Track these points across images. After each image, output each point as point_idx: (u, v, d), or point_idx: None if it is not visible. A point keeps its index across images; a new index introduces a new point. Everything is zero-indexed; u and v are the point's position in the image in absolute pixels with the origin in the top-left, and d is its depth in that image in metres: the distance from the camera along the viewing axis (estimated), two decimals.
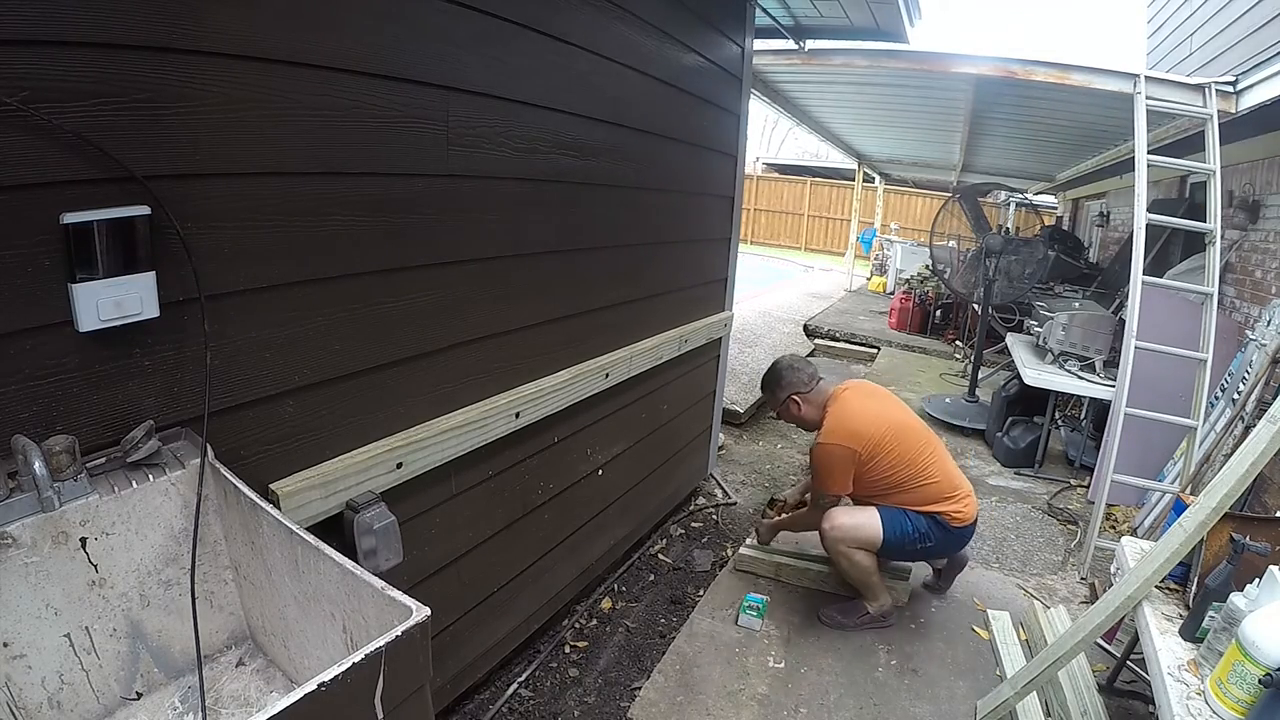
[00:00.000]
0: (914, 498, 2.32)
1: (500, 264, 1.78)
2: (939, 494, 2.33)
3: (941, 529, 2.32)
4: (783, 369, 2.54)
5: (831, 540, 2.34)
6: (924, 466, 2.33)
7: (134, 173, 0.99)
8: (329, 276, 1.34)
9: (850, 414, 2.37)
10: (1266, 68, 3.01)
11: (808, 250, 17.93)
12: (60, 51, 0.91)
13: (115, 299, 0.99)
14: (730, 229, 3.29)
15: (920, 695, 2.16)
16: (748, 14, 3.04)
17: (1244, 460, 1.57)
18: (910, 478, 2.32)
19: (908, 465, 2.32)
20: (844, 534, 2.32)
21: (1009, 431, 4.28)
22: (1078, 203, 9.92)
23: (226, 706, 1.02)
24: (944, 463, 2.41)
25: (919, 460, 2.34)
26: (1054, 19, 56.86)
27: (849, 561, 2.35)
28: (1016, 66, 3.62)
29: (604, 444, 2.45)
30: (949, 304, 7.66)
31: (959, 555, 2.67)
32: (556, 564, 2.30)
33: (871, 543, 2.32)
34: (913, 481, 2.32)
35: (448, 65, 1.49)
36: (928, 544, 2.35)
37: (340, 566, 0.88)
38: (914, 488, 2.32)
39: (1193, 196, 4.71)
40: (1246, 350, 3.24)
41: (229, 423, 1.20)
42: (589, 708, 2.11)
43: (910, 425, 2.41)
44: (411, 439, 1.55)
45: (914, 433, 2.39)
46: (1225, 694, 1.30)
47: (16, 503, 0.87)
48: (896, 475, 2.32)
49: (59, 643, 0.92)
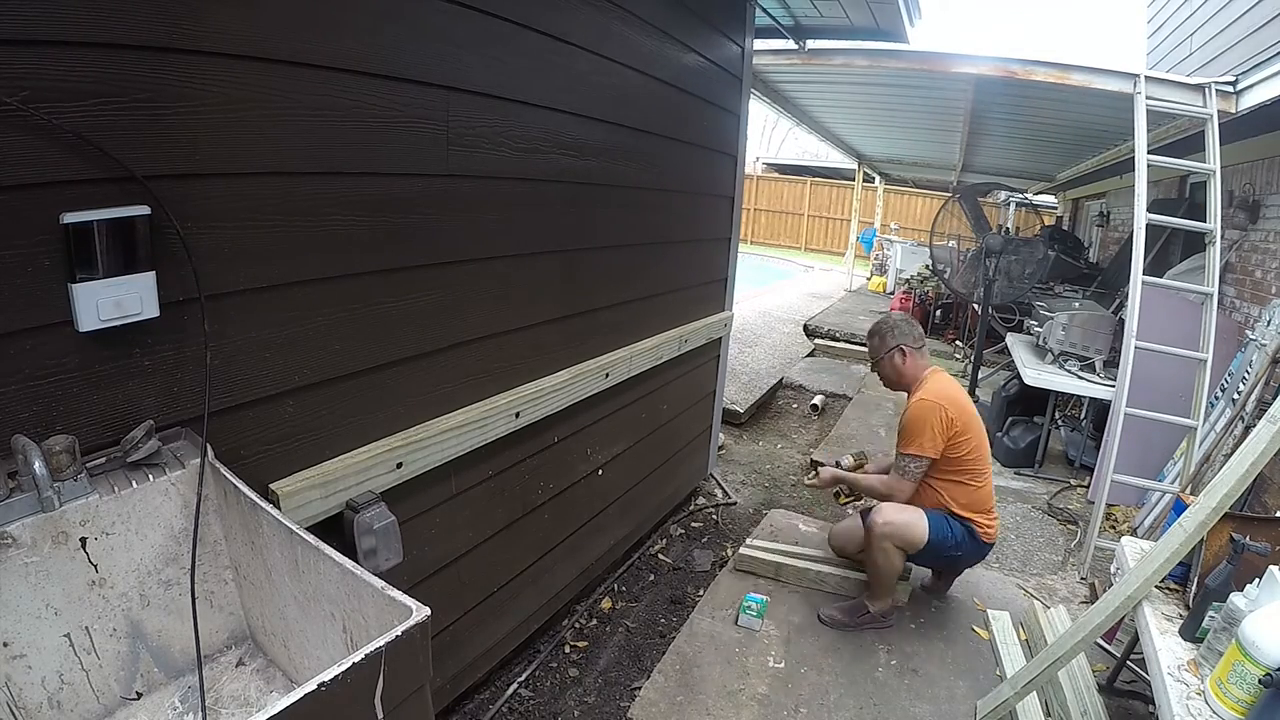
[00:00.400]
0: (970, 497, 2.35)
1: (500, 264, 1.78)
2: (984, 501, 2.37)
3: (973, 540, 2.35)
4: (898, 319, 2.54)
5: (880, 534, 2.31)
6: (985, 468, 2.38)
7: (134, 173, 0.99)
8: (329, 276, 1.34)
9: (948, 385, 2.41)
10: (1266, 68, 3.01)
11: (808, 250, 17.93)
12: (60, 51, 0.91)
13: (115, 299, 0.99)
14: (730, 229, 3.29)
15: (920, 695, 2.16)
16: (748, 14, 3.04)
17: (1244, 460, 1.57)
18: (979, 472, 2.35)
19: (982, 459, 2.36)
20: (894, 530, 2.30)
21: (1009, 431, 4.28)
22: (1078, 203, 9.92)
23: (226, 706, 1.02)
24: (990, 474, 2.43)
25: (984, 459, 2.37)
26: (1054, 19, 56.90)
27: (885, 558, 2.33)
28: (1016, 66, 3.62)
29: (604, 444, 2.45)
30: (949, 304, 7.66)
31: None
32: (556, 564, 2.30)
33: (916, 543, 2.32)
34: (979, 478, 2.35)
35: (448, 65, 1.49)
36: (958, 553, 2.37)
37: (340, 566, 0.88)
38: (977, 485, 2.35)
39: (1193, 196, 4.70)
40: (1246, 350, 3.24)
41: (229, 423, 1.20)
42: (589, 708, 2.11)
43: (981, 426, 2.41)
44: (411, 439, 1.55)
45: (982, 434, 2.40)
46: (1225, 694, 1.30)
47: (16, 502, 0.87)
48: (973, 464, 2.33)
49: (59, 643, 0.92)
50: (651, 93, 2.34)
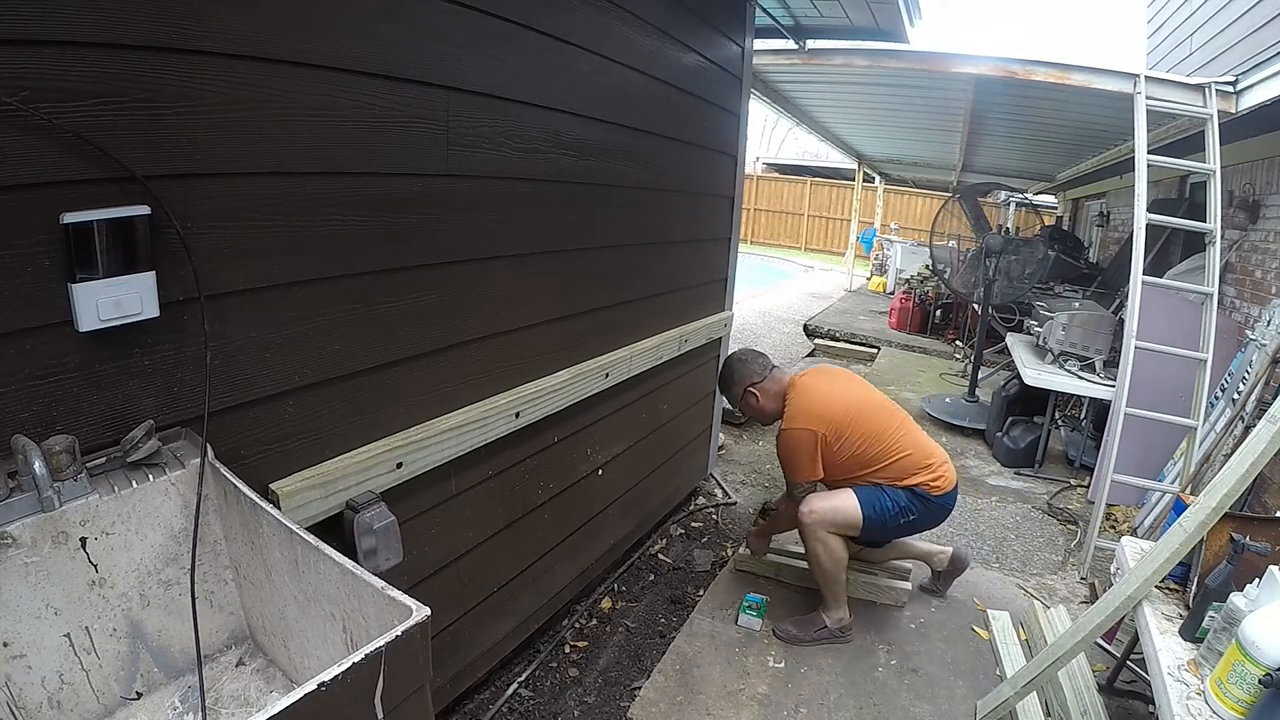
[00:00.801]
0: (888, 474, 2.26)
1: (500, 264, 1.78)
2: (913, 466, 2.27)
3: (921, 500, 2.26)
4: (734, 363, 2.49)
5: (810, 526, 2.25)
6: (893, 441, 2.28)
7: (134, 172, 0.99)
8: (329, 276, 1.34)
9: (810, 398, 2.33)
10: (1266, 68, 3.01)
11: (808, 250, 17.93)
12: (60, 51, 0.91)
13: (115, 299, 0.99)
14: (730, 229, 3.29)
15: (920, 695, 2.16)
16: (748, 14, 3.04)
17: (1244, 460, 1.57)
18: (881, 454, 2.26)
19: (876, 441, 2.26)
20: (822, 517, 2.24)
21: (1009, 431, 4.28)
22: (1078, 202, 9.92)
23: (226, 706, 1.02)
24: (913, 435, 2.35)
25: (887, 435, 2.28)
26: (1054, 19, 56.88)
27: (825, 549, 2.26)
28: (1016, 66, 3.62)
29: (604, 444, 2.44)
30: (949, 304, 7.66)
31: (959, 559, 2.66)
32: (556, 564, 2.30)
33: (852, 525, 2.25)
34: (884, 457, 2.26)
35: (448, 65, 1.49)
36: (910, 517, 2.28)
37: (340, 566, 0.88)
38: (886, 463, 2.26)
39: (1193, 196, 4.71)
40: (1246, 350, 3.24)
41: (229, 422, 1.20)
42: (589, 707, 2.11)
43: (873, 401, 2.37)
44: (411, 439, 1.55)
45: (877, 408, 2.34)
46: (1225, 694, 1.30)
47: (16, 502, 0.87)
48: (866, 453, 2.26)
49: (59, 642, 0.92)
50: (651, 93, 2.34)
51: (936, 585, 2.70)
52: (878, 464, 2.27)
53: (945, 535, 3.28)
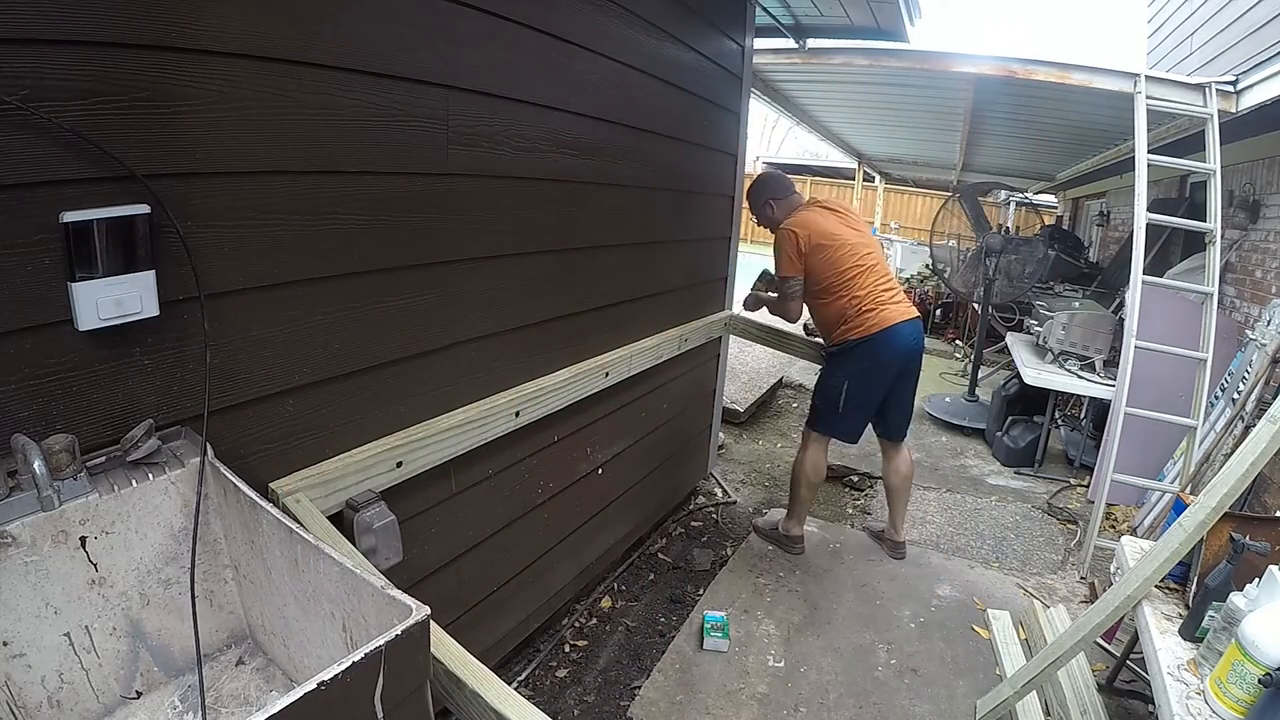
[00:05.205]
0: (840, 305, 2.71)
1: (500, 263, 1.77)
2: (860, 306, 2.67)
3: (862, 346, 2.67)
4: (766, 177, 2.98)
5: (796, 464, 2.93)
6: (851, 278, 2.68)
7: (134, 171, 0.99)
8: (329, 275, 1.34)
9: (804, 214, 2.80)
10: (1266, 67, 3.01)
11: None
12: (60, 50, 0.91)
13: (115, 298, 0.99)
14: (730, 228, 3.29)
15: (920, 695, 2.16)
16: (748, 13, 3.03)
17: (1244, 460, 1.57)
18: (838, 285, 2.69)
19: (837, 273, 2.68)
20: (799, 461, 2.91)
21: (1009, 431, 4.28)
22: (1078, 202, 9.91)
23: (226, 705, 1.02)
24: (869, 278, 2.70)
25: (847, 272, 2.69)
26: (1054, 19, 56.81)
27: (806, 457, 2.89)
28: (1017, 66, 3.62)
29: (604, 443, 2.44)
30: (949, 303, 7.66)
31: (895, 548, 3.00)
32: (556, 563, 2.30)
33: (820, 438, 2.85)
34: (839, 289, 2.69)
35: (448, 64, 1.49)
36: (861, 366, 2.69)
37: (340, 565, 0.88)
38: (840, 295, 2.69)
39: (1193, 196, 4.70)
40: (1246, 350, 3.24)
41: (229, 421, 1.20)
42: (589, 707, 2.11)
43: (848, 242, 2.72)
44: (411, 438, 1.55)
45: (849, 249, 2.71)
46: (1225, 693, 1.30)
47: (16, 501, 0.86)
48: (828, 278, 2.69)
49: (59, 642, 0.92)
50: (652, 92, 2.34)
51: (879, 542, 3.10)
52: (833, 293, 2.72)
53: (946, 533, 3.28)
